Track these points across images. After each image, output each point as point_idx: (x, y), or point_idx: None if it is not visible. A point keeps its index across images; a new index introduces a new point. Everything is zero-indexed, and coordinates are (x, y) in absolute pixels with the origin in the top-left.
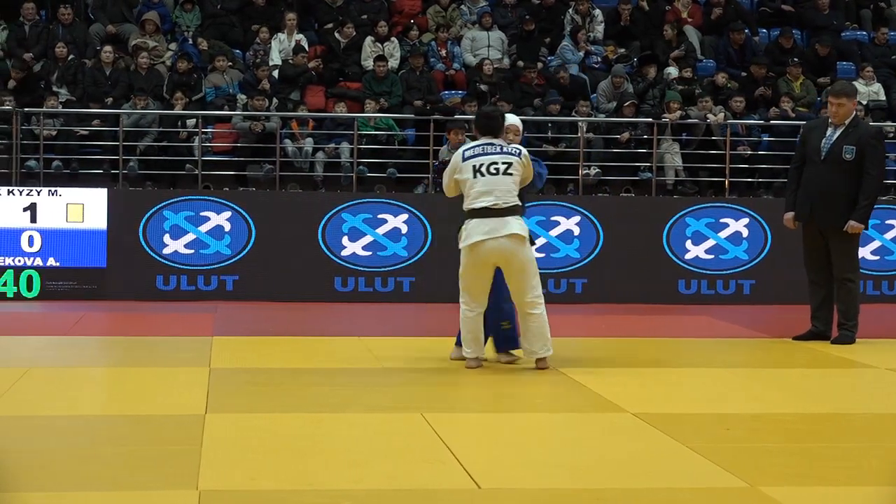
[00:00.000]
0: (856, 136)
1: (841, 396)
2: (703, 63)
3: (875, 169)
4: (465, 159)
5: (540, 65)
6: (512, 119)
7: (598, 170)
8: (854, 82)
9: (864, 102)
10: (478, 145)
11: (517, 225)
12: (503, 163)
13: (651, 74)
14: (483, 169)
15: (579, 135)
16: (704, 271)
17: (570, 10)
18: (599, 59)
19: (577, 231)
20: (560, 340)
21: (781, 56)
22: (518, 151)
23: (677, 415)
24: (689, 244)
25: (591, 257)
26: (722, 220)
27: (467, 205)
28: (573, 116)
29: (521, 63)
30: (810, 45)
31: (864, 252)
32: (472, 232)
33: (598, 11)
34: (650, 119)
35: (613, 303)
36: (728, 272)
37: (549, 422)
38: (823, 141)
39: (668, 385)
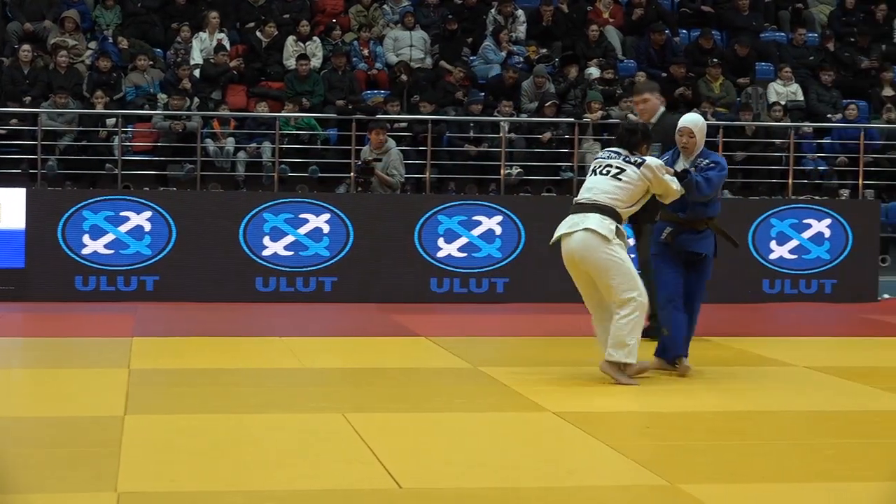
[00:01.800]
0: (662, 132)
1: (761, 394)
2: (623, 63)
3: None
4: (594, 160)
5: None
6: (683, 120)
7: (520, 169)
8: (773, 83)
9: (783, 103)
10: (610, 150)
11: (595, 220)
12: (616, 167)
13: (572, 74)
14: (597, 170)
15: (501, 134)
16: None
17: (493, 11)
18: (521, 60)
19: (498, 231)
20: (482, 340)
21: (701, 56)
22: (639, 162)
23: (598, 413)
24: None
25: (512, 256)
26: None
27: None
28: (495, 116)
29: (443, 63)
30: (730, 46)
31: (783, 251)
32: (560, 225)
33: (520, 12)
34: (572, 119)
35: (535, 302)
36: None
37: (471, 421)
38: None
39: (588, 383)
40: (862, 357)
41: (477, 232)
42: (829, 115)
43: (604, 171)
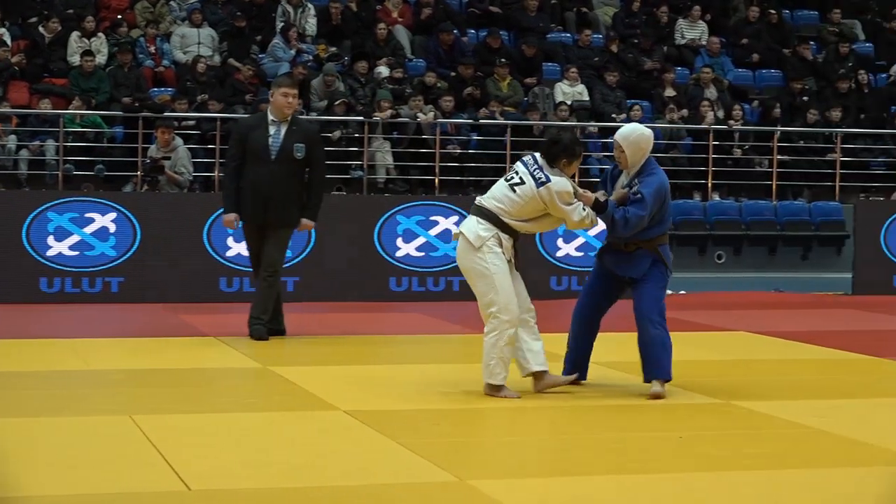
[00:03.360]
0: (301, 133)
1: (549, 390)
2: (413, 62)
3: (323, 164)
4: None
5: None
6: (617, 133)
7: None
8: (559, 83)
9: (569, 103)
10: (532, 155)
11: (470, 225)
12: (519, 178)
13: (362, 73)
14: (506, 176)
15: None
16: (415, 268)
17: (283, 2)
18: (311, 58)
19: None
20: (272, 339)
21: (489, 56)
22: (542, 181)
23: (388, 411)
24: (399, 242)
25: (303, 255)
26: (432, 218)
27: None
28: None
29: (232, 60)
30: (517, 46)
31: (569, 249)
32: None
33: (310, 5)
34: (361, 118)
35: (327, 300)
36: (438, 269)
37: (262, 421)
38: (270, 139)
39: (379, 382)
40: None
41: None
42: (613, 115)
43: (508, 178)
